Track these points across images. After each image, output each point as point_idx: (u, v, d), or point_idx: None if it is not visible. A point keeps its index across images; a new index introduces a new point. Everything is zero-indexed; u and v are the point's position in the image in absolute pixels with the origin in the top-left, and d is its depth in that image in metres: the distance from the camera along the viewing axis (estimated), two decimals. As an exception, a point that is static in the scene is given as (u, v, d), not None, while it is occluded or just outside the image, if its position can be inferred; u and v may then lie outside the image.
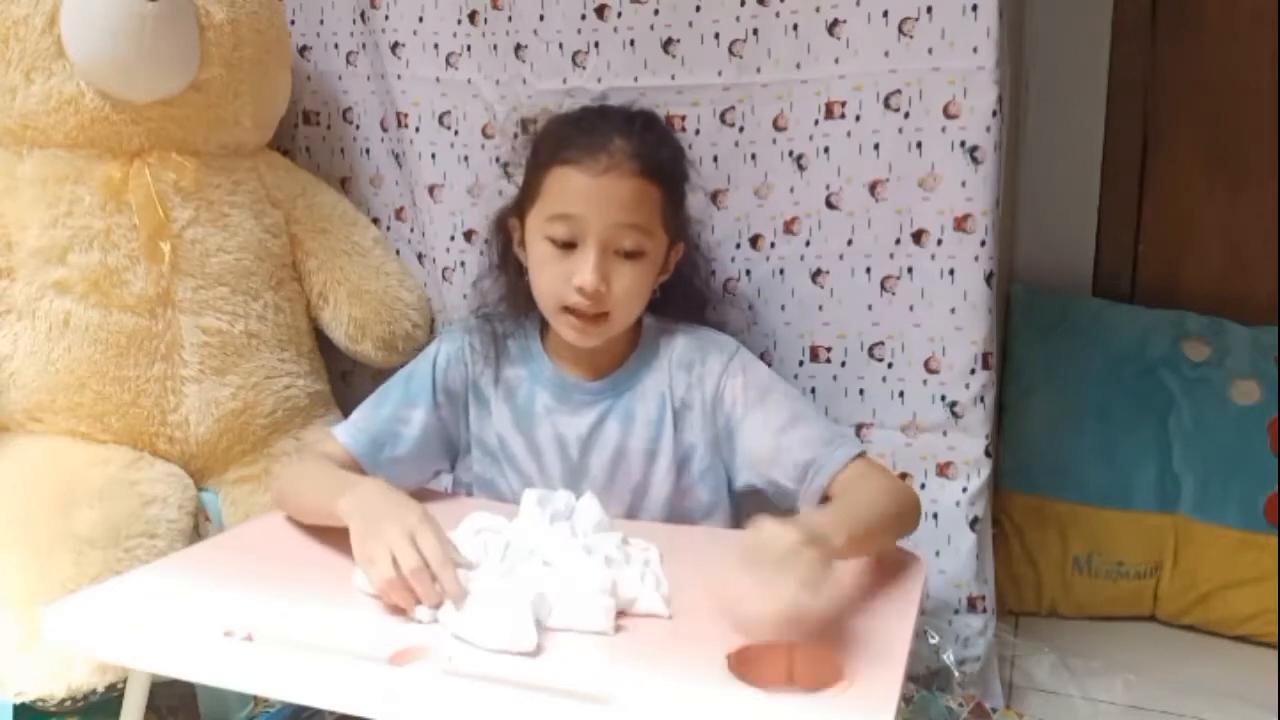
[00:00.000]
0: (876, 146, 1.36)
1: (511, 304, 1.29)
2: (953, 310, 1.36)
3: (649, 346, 1.27)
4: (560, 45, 1.47)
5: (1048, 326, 1.80)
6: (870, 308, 1.39)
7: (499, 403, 1.28)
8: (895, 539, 1.12)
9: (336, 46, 1.67)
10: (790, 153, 1.40)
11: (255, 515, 1.38)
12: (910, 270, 1.37)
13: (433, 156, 1.58)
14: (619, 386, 1.26)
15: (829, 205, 1.39)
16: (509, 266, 1.28)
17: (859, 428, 1.42)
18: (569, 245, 1.17)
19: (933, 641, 1.34)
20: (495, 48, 1.51)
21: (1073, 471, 1.72)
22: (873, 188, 1.37)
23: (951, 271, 1.35)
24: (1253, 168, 1.83)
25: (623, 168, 1.15)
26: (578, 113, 1.26)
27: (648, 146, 1.18)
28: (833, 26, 1.35)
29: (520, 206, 1.24)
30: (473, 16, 1.52)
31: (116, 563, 1.23)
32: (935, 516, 1.40)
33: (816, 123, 1.38)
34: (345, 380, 1.69)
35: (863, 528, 1.02)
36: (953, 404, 1.38)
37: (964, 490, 1.39)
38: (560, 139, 1.20)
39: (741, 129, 1.42)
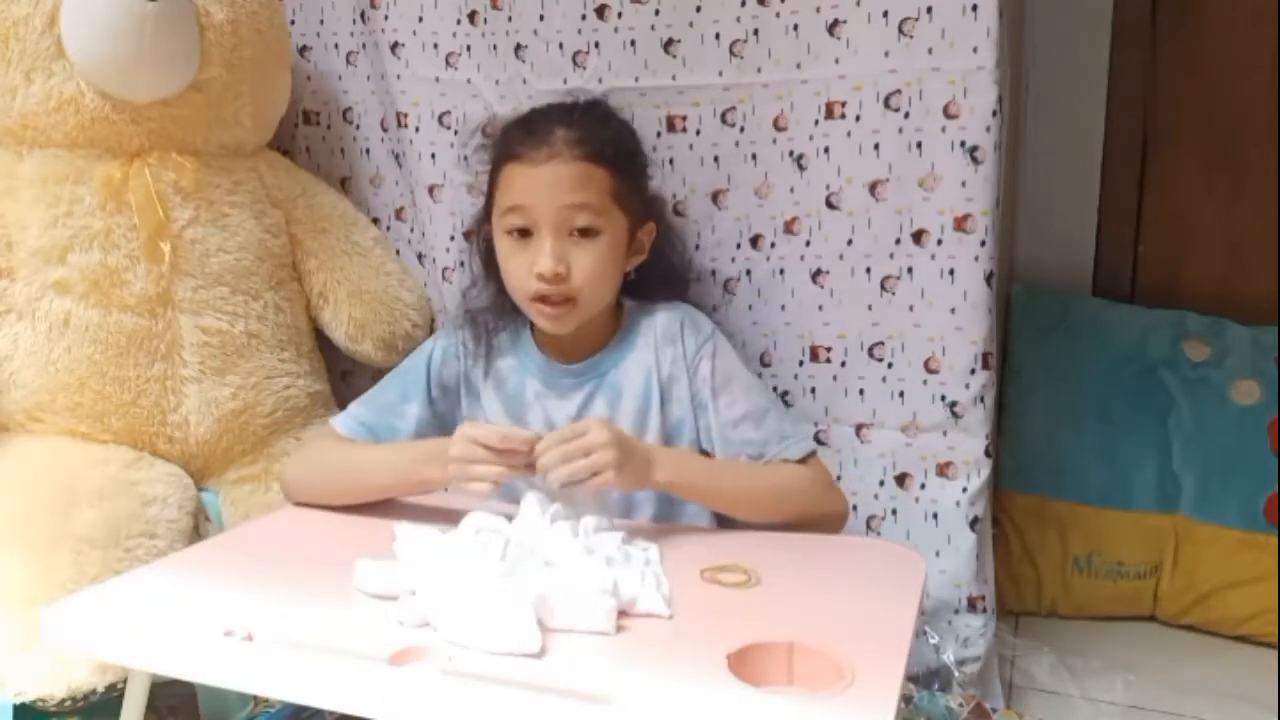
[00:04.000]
0: (876, 146, 1.36)
1: (499, 307, 1.31)
2: (953, 310, 1.36)
3: (631, 326, 1.29)
4: (560, 45, 1.47)
5: (1048, 326, 1.80)
6: (870, 308, 1.39)
7: (489, 393, 1.30)
8: (775, 519, 1.18)
9: (336, 46, 1.67)
10: (790, 153, 1.40)
11: (255, 515, 1.38)
12: (910, 270, 1.37)
13: (433, 156, 1.58)
14: (603, 365, 1.28)
15: (829, 205, 1.39)
16: (493, 271, 1.30)
17: (859, 428, 1.42)
18: (525, 234, 1.21)
19: (933, 641, 1.34)
20: (495, 48, 1.51)
21: (1073, 471, 1.72)
22: (873, 188, 1.37)
23: (951, 271, 1.35)
24: (1253, 168, 1.83)
25: (564, 154, 1.20)
26: (526, 113, 1.30)
27: (588, 131, 1.22)
28: (833, 26, 1.35)
29: (487, 211, 1.28)
30: (472, 16, 1.52)
31: (116, 563, 1.23)
32: (935, 516, 1.40)
33: (816, 123, 1.38)
34: (345, 380, 1.69)
35: (711, 486, 1.18)
36: (953, 404, 1.38)
37: (964, 490, 1.39)
38: (508, 139, 1.25)
39: (742, 129, 1.42)
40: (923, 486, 1.40)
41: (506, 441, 1.09)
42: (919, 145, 1.34)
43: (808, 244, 1.41)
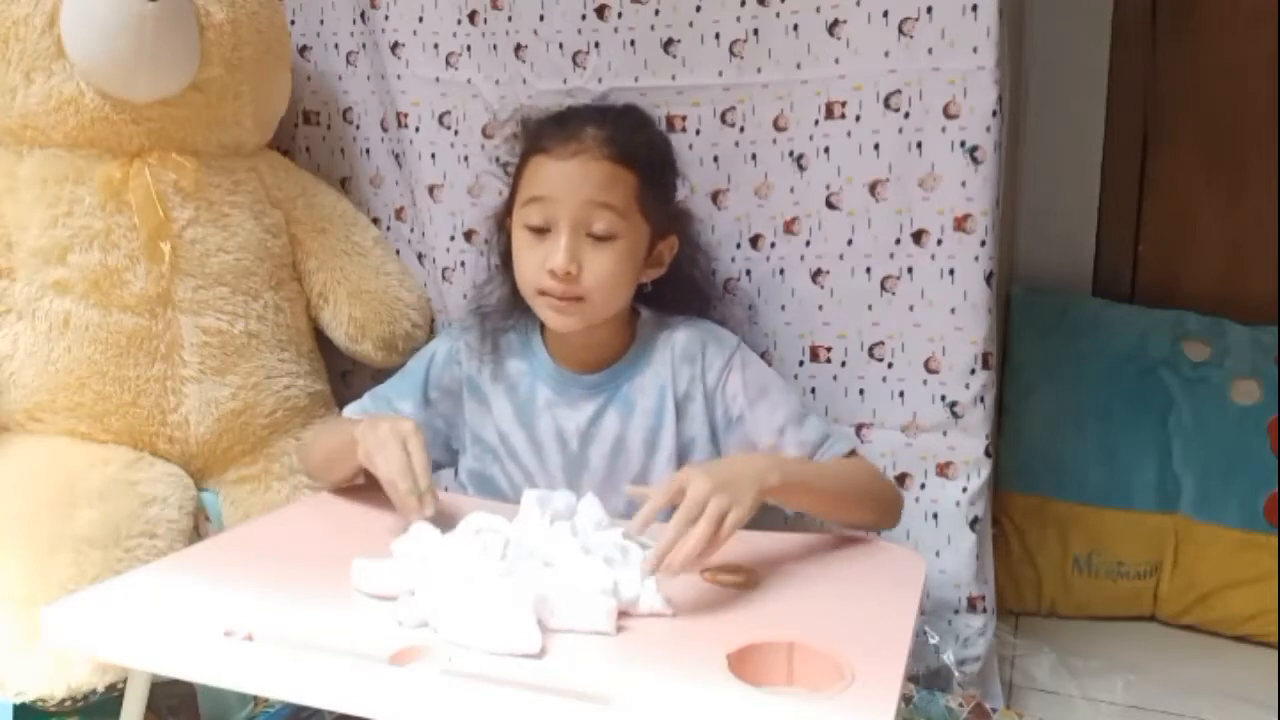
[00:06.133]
0: (876, 146, 1.36)
1: (510, 305, 1.30)
2: (953, 310, 1.36)
3: (647, 339, 1.28)
4: (560, 45, 1.47)
5: (1048, 326, 1.80)
6: (870, 308, 1.39)
7: (500, 398, 1.29)
8: (860, 516, 1.20)
9: (336, 46, 1.67)
10: (790, 153, 1.40)
11: (255, 515, 1.38)
12: (910, 270, 1.37)
13: (433, 156, 1.58)
14: (618, 378, 1.27)
15: (829, 205, 1.39)
16: (510, 267, 1.29)
17: (859, 428, 1.42)
18: (543, 230, 1.19)
19: (933, 641, 1.34)
20: (495, 48, 1.51)
21: (1073, 471, 1.72)
22: (873, 188, 1.37)
23: (951, 271, 1.35)
24: (1253, 168, 1.83)
25: (593, 151, 1.18)
26: (560, 110, 1.29)
27: (620, 133, 1.21)
28: (833, 26, 1.35)
29: (508, 203, 1.27)
30: (473, 16, 1.52)
31: (116, 563, 1.23)
32: (935, 516, 1.40)
33: (816, 123, 1.38)
34: (345, 380, 1.69)
35: (812, 481, 1.13)
36: (953, 404, 1.38)
37: (964, 490, 1.39)
38: (537, 131, 1.24)
39: (742, 129, 1.42)
40: (923, 486, 1.40)
41: (406, 478, 1.07)
42: (919, 145, 1.34)
43: (808, 244, 1.41)
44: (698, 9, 1.40)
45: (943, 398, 1.38)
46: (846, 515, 1.20)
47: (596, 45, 1.45)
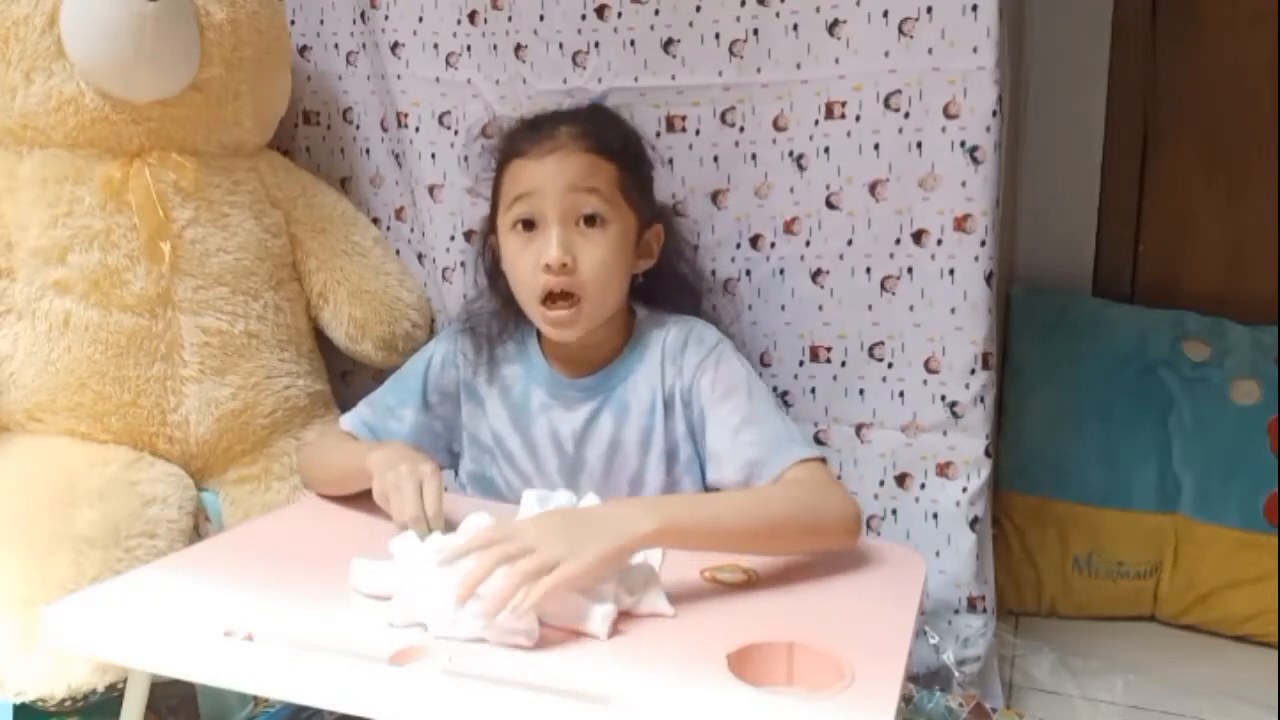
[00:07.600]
0: (876, 146, 1.36)
1: (505, 317, 1.30)
2: (953, 310, 1.36)
3: (642, 338, 1.27)
4: (560, 45, 1.47)
5: (1048, 326, 1.80)
6: (870, 308, 1.40)
7: (495, 401, 1.29)
8: (785, 547, 1.06)
9: (336, 46, 1.67)
10: (790, 153, 1.40)
11: (255, 515, 1.38)
12: (910, 270, 1.37)
13: (433, 156, 1.58)
14: (612, 379, 1.26)
15: (829, 205, 1.40)
16: (498, 282, 1.29)
17: (859, 427, 1.42)
18: (530, 225, 1.19)
19: (933, 641, 1.34)
20: (495, 48, 1.51)
21: (1073, 471, 1.72)
22: (873, 188, 1.37)
23: (951, 271, 1.35)
24: (1253, 168, 1.83)
25: (569, 146, 1.19)
26: (530, 116, 1.29)
27: (594, 126, 1.21)
28: (833, 26, 1.35)
29: (492, 217, 1.27)
30: (473, 16, 1.52)
31: (116, 563, 1.23)
32: (935, 516, 1.40)
33: (816, 123, 1.38)
34: (345, 380, 1.69)
35: (714, 521, 1.01)
36: (953, 404, 1.38)
37: (964, 490, 1.39)
38: (511, 137, 1.25)
39: (742, 129, 1.42)
40: (923, 486, 1.41)
41: (419, 525, 1.05)
42: (919, 145, 1.34)
43: (808, 244, 1.41)
44: (698, 9, 1.40)
45: (943, 398, 1.38)
46: (765, 548, 1.05)
47: (596, 45, 1.45)
